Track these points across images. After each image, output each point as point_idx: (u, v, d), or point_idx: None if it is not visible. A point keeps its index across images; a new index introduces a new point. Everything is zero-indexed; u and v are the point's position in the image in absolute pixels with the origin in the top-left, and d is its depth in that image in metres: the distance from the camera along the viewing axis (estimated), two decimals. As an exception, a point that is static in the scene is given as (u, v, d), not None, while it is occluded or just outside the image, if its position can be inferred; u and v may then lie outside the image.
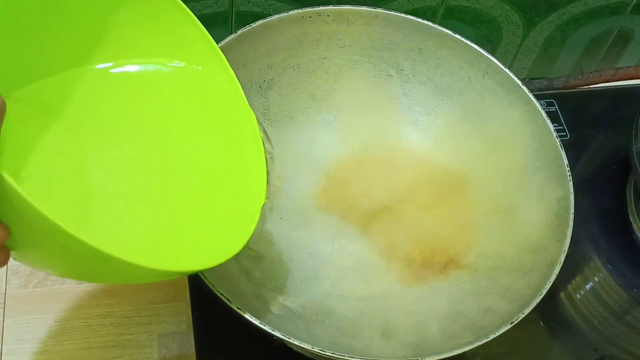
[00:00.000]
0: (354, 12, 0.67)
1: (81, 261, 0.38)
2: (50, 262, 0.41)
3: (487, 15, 0.79)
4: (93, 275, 0.45)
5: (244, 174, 0.51)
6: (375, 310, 0.62)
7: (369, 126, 0.72)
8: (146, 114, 0.52)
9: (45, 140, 0.46)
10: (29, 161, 0.44)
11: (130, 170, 0.49)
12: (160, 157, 0.51)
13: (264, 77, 0.67)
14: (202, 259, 0.44)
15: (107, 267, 0.38)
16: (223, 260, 0.45)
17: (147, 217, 0.48)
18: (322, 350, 0.51)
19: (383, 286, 0.63)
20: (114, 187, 0.47)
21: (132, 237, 0.46)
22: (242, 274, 0.60)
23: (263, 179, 0.50)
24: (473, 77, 0.68)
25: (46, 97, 0.48)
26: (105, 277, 0.47)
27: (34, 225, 0.35)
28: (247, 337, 0.62)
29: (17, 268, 0.67)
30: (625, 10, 0.83)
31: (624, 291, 0.71)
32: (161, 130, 0.52)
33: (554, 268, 0.56)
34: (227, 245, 0.46)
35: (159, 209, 0.48)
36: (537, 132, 0.64)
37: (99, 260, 0.36)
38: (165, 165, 0.51)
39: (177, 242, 0.47)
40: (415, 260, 0.65)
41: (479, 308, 0.60)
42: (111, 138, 0.50)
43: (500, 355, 0.65)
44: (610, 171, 0.78)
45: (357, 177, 0.69)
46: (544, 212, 0.62)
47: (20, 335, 0.64)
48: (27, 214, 0.34)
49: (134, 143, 0.50)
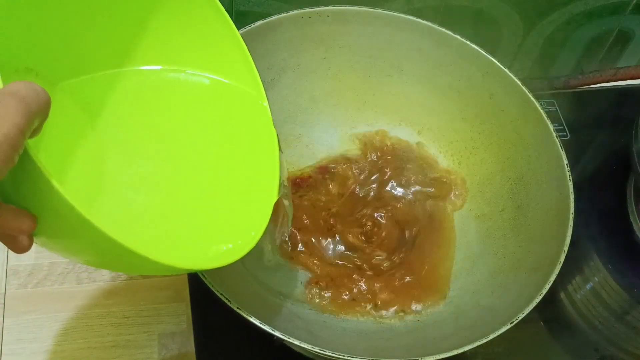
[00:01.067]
0: (354, 12, 0.67)
1: (102, 252, 0.40)
2: (74, 251, 0.43)
3: (487, 15, 0.79)
4: (113, 264, 0.47)
5: (256, 179, 0.53)
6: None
7: (369, 126, 0.72)
8: (175, 117, 0.54)
9: (76, 133, 0.48)
10: (58, 151, 0.46)
11: (150, 166, 0.51)
12: (181, 157, 0.52)
13: (264, 77, 0.67)
14: (213, 256, 0.46)
15: (124, 258, 0.39)
16: (235, 258, 0.46)
17: (163, 212, 0.49)
18: (322, 350, 0.51)
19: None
20: (132, 180, 0.49)
21: (147, 231, 0.47)
22: (244, 274, 0.60)
23: (275, 183, 0.52)
24: (473, 77, 0.68)
25: (86, 92, 0.50)
26: (123, 267, 0.49)
27: (64, 218, 0.36)
28: (247, 337, 0.62)
29: (17, 268, 0.67)
30: (625, 10, 0.83)
31: (624, 291, 0.71)
32: (186, 133, 0.54)
33: (554, 268, 0.56)
34: (239, 243, 0.48)
35: (175, 205, 0.50)
36: (537, 132, 0.64)
37: (119, 253, 0.38)
38: (184, 164, 0.52)
39: (189, 238, 0.49)
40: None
41: (479, 308, 0.60)
42: (137, 136, 0.52)
43: (500, 355, 0.65)
44: (610, 171, 0.78)
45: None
46: (544, 212, 0.62)
47: (20, 336, 0.64)
48: (60, 208, 0.35)
49: (158, 141, 0.52)
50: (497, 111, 0.67)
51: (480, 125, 0.68)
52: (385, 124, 0.72)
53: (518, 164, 0.66)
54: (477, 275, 0.63)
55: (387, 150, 0.71)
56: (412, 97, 0.70)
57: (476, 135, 0.69)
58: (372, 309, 0.62)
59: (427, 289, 0.63)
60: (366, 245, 0.65)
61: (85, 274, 0.67)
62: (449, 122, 0.70)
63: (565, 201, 0.60)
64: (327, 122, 0.71)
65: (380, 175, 0.69)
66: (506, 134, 0.67)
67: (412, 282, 0.63)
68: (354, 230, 0.65)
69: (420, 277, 0.63)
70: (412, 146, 0.71)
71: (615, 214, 0.75)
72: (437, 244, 0.66)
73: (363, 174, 0.69)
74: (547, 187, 0.63)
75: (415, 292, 0.62)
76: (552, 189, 0.62)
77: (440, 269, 0.64)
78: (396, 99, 0.71)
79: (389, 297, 0.62)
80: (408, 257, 0.65)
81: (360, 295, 0.62)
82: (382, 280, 0.63)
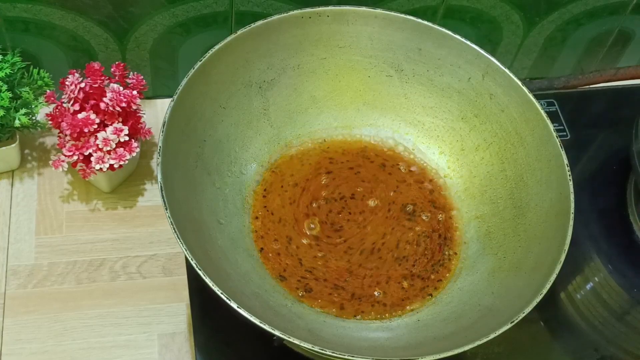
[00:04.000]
0: (353, 12, 0.67)
1: None
2: None
3: (487, 15, 0.79)
4: None
5: None
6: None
7: (369, 126, 0.72)
8: None
9: None
10: None
11: None
12: None
13: (264, 77, 0.67)
14: None
15: None
16: None
17: None
18: (322, 350, 0.51)
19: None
20: None
21: None
22: (244, 274, 0.60)
23: None
24: (473, 77, 0.68)
25: None
26: None
27: None
28: (247, 337, 0.62)
29: (17, 268, 0.67)
30: (625, 10, 0.83)
31: (624, 291, 0.71)
32: None
33: (554, 268, 0.56)
34: None
35: None
36: (537, 132, 0.64)
37: None
38: None
39: None
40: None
41: (479, 308, 0.60)
42: None
43: (500, 355, 0.65)
44: (610, 171, 0.78)
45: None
46: (544, 212, 0.62)
47: (20, 336, 0.64)
48: None
49: None
50: (497, 111, 0.67)
51: (480, 125, 0.68)
52: (385, 124, 0.71)
53: (518, 164, 0.66)
54: (477, 275, 0.63)
55: (386, 150, 0.71)
56: (412, 97, 0.70)
57: (476, 135, 0.69)
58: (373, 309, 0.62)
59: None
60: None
61: (85, 274, 0.67)
62: (449, 122, 0.70)
63: (565, 201, 0.60)
64: (327, 122, 0.71)
65: (378, 175, 0.69)
66: (506, 134, 0.67)
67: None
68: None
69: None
70: (410, 147, 0.71)
71: (615, 214, 0.75)
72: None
73: (360, 174, 0.69)
74: (547, 187, 0.63)
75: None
76: (552, 189, 0.62)
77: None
78: (396, 99, 0.71)
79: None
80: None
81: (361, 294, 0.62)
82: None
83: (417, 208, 0.68)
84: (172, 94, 0.60)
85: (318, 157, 0.70)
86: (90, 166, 0.66)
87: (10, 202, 0.71)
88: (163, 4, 0.71)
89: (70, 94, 0.66)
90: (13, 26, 0.70)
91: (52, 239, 0.69)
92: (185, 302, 0.66)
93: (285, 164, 0.69)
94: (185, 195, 0.59)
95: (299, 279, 0.62)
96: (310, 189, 0.68)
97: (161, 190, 0.55)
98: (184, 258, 0.68)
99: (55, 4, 0.68)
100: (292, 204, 0.67)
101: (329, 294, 0.62)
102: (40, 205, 0.71)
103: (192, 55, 0.75)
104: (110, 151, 0.66)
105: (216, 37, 0.72)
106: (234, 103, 0.66)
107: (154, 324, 0.65)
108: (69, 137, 0.66)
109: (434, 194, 0.69)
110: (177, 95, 0.59)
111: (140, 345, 0.64)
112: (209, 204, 0.62)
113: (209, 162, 0.64)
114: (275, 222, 0.66)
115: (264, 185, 0.67)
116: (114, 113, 0.66)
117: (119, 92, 0.66)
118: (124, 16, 0.71)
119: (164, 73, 0.78)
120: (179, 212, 0.56)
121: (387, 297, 0.63)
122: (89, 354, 0.63)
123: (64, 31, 0.71)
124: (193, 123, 0.62)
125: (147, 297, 0.67)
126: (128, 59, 0.76)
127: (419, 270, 0.65)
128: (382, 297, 0.63)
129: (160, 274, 0.68)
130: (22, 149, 0.73)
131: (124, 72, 0.69)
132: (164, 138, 0.57)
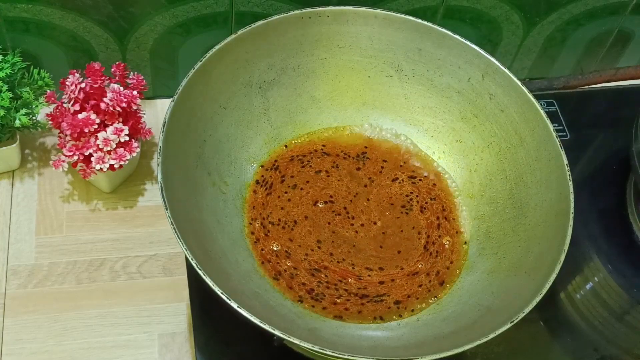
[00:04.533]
0: (353, 12, 0.67)
1: None
2: None
3: (487, 15, 0.79)
4: None
5: None
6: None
7: (369, 126, 0.72)
8: None
9: None
10: None
11: None
12: None
13: (264, 77, 0.67)
14: None
15: None
16: None
17: None
18: (322, 350, 0.51)
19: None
20: None
21: None
22: (244, 274, 0.60)
23: None
24: (473, 78, 0.68)
25: None
26: None
27: None
28: (247, 337, 0.62)
29: (17, 268, 0.67)
30: (625, 10, 0.83)
31: (624, 291, 0.71)
32: None
33: (553, 268, 0.56)
34: None
35: None
36: (537, 132, 0.64)
37: None
38: None
39: None
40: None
41: (479, 307, 0.60)
42: None
43: (500, 355, 0.65)
44: (610, 171, 0.78)
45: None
46: (544, 212, 0.62)
47: (20, 336, 0.64)
48: None
49: None
50: (497, 111, 0.67)
51: (480, 126, 0.68)
52: (385, 124, 0.72)
53: (518, 164, 0.66)
54: (477, 275, 0.63)
55: (386, 150, 0.71)
56: (412, 97, 0.71)
57: (476, 136, 0.69)
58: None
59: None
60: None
61: (85, 274, 0.67)
62: (448, 122, 0.70)
63: (565, 201, 0.60)
64: (327, 122, 0.71)
65: (378, 175, 0.69)
66: (506, 134, 0.67)
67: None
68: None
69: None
70: (409, 147, 0.71)
71: (615, 214, 0.75)
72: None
73: (361, 173, 0.69)
74: (546, 187, 0.63)
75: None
76: (551, 189, 0.62)
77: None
78: (396, 99, 0.71)
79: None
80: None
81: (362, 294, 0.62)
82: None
83: (417, 208, 0.68)
84: (172, 94, 0.60)
85: (318, 157, 0.70)
86: (90, 166, 0.66)
87: (10, 202, 0.71)
88: (163, 4, 0.71)
89: (70, 94, 0.66)
90: (13, 26, 0.70)
91: (53, 239, 0.69)
92: (185, 302, 0.66)
93: (285, 164, 0.69)
94: (186, 195, 0.60)
95: (299, 279, 0.62)
96: (311, 189, 0.68)
97: (161, 190, 0.55)
98: (184, 258, 0.69)
99: (55, 4, 0.68)
100: (292, 204, 0.67)
101: (330, 294, 0.62)
102: (41, 205, 0.71)
103: (192, 56, 0.75)
104: (110, 151, 0.66)
105: (216, 37, 0.72)
106: (234, 103, 0.66)
107: (154, 324, 0.65)
108: (69, 137, 0.66)
109: (434, 194, 0.69)
110: (177, 96, 0.60)
111: (140, 345, 0.64)
112: (209, 204, 0.62)
113: (209, 162, 0.64)
114: (275, 222, 0.66)
115: (264, 186, 0.67)
116: (114, 113, 0.66)
117: (119, 92, 0.66)
118: (124, 16, 0.71)
119: (164, 73, 0.78)
120: (179, 212, 0.56)
121: (390, 297, 0.63)
122: (89, 354, 0.63)
123: (64, 31, 0.71)
124: (193, 123, 0.62)
125: (148, 297, 0.67)
126: (128, 59, 0.76)
127: (422, 269, 0.65)
128: (384, 298, 0.63)
129: (160, 274, 0.68)
130: (22, 149, 0.73)
131: (124, 72, 0.69)
132: (164, 138, 0.57)
